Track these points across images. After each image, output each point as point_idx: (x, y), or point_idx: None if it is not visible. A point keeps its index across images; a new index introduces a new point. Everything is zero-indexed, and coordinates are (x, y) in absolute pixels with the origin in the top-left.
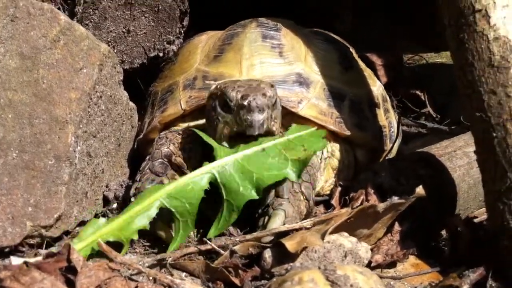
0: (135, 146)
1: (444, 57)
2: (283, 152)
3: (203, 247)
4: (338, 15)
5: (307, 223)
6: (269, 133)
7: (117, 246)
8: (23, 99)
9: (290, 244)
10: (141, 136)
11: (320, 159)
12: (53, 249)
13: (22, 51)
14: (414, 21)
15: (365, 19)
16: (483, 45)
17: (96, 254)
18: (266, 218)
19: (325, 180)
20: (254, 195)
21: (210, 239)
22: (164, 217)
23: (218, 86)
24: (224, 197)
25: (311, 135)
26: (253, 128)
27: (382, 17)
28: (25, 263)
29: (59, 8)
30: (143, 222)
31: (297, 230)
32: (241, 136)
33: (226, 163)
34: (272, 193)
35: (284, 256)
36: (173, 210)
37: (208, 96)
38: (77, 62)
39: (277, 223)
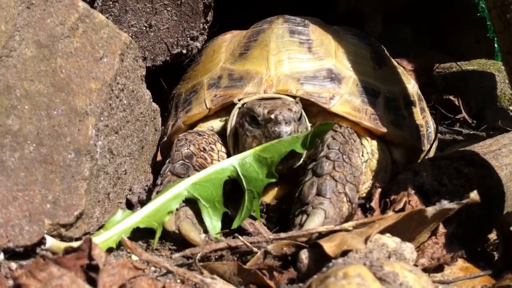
0: (159, 151)
1: (475, 65)
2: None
3: (233, 243)
4: (368, 19)
5: (348, 225)
6: None
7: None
8: (40, 90)
9: (329, 246)
10: (165, 138)
11: (362, 162)
12: (73, 244)
13: (39, 39)
14: (440, 31)
15: (391, 28)
16: None
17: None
18: (304, 216)
19: (363, 182)
20: (270, 179)
21: (242, 236)
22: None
23: (245, 105)
24: (246, 187)
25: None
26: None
27: (407, 27)
28: (43, 257)
29: None
30: (172, 207)
31: (336, 232)
32: None
33: (246, 155)
34: (314, 190)
35: (322, 258)
36: (198, 197)
37: (238, 113)
38: (97, 51)
39: (315, 223)
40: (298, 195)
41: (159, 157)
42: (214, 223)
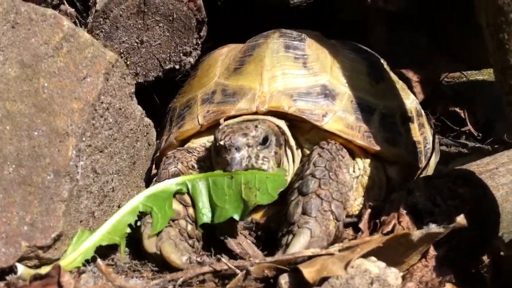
0: (153, 165)
1: (485, 74)
2: (242, 187)
3: (218, 267)
4: (372, 28)
5: (334, 249)
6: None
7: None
8: (22, 110)
9: (308, 272)
10: (157, 154)
11: (353, 178)
12: (41, 271)
13: (23, 59)
14: (452, 38)
15: (400, 35)
16: None
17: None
18: (291, 236)
19: (354, 198)
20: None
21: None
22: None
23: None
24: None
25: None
26: (230, 166)
27: (418, 34)
28: (7, 284)
29: (75, 23)
30: (130, 220)
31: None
32: None
33: (198, 179)
34: (299, 209)
35: (301, 284)
36: (152, 207)
37: None
38: (81, 71)
39: (301, 243)
40: (284, 215)
41: (154, 171)
42: (159, 225)
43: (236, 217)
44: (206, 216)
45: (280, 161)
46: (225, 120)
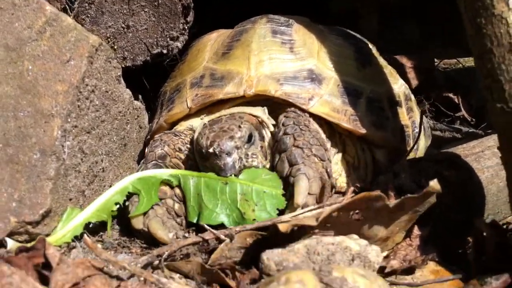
0: (145, 147)
1: None
2: (238, 197)
3: (206, 236)
4: (363, 17)
5: (312, 214)
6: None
7: None
8: (7, 92)
9: (282, 225)
10: (148, 136)
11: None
12: (28, 245)
13: (7, 43)
14: (449, 24)
15: (396, 22)
16: (502, 29)
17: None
18: (290, 188)
19: (339, 173)
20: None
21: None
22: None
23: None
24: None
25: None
26: (224, 172)
27: (415, 20)
28: None
29: (64, 8)
30: (119, 199)
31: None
32: None
33: (191, 176)
34: (286, 164)
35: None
36: (141, 190)
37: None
38: (64, 54)
39: (302, 187)
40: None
41: None
42: (142, 207)
43: (228, 224)
44: (195, 213)
45: (266, 154)
46: (210, 106)
